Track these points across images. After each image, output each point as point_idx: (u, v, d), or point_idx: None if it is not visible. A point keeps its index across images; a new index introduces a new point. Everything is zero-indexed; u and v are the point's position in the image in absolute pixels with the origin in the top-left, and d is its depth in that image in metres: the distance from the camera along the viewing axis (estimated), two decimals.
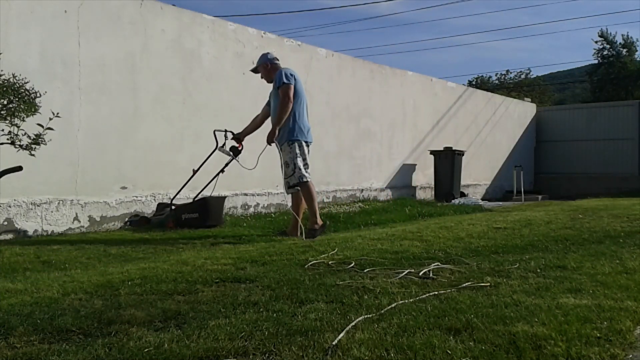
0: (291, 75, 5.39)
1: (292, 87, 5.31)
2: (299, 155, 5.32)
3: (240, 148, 5.83)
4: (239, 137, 5.84)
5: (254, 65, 5.79)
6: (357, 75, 9.81)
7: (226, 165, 6.04)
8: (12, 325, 2.16)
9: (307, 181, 5.30)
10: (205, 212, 6.07)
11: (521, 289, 2.73)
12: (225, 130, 5.94)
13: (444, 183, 10.99)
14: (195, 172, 6.11)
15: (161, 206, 6.42)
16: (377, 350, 1.87)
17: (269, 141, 5.39)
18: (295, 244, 4.55)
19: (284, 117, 5.30)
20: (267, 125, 5.62)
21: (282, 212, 8.00)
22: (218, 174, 6.07)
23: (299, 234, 5.30)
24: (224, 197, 6.80)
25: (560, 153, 15.62)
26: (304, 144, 5.38)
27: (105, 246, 4.77)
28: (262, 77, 5.70)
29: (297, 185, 5.32)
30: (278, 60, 5.67)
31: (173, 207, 6.12)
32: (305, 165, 5.37)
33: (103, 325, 2.18)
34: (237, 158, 5.87)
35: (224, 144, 5.90)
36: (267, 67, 5.57)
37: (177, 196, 6.40)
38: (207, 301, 2.54)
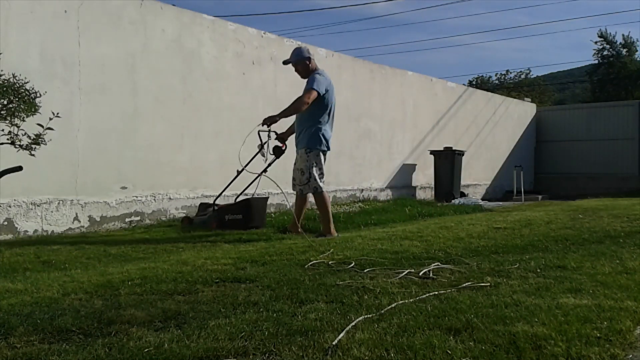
0: (324, 81, 5.37)
1: (316, 94, 5.28)
2: (315, 164, 5.34)
3: (284, 148, 5.71)
4: (282, 137, 5.76)
5: (288, 59, 5.72)
6: (357, 75, 9.81)
7: (268, 165, 5.86)
8: (12, 325, 2.16)
9: (322, 192, 5.35)
10: (248, 213, 5.95)
11: (521, 289, 2.73)
12: (269, 130, 5.73)
13: (444, 183, 10.98)
14: (239, 172, 5.97)
15: (203, 206, 6.32)
16: (377, 350, 1.86)
17: (265, 122, 5.31)
18: (295, 243, 4.55)
19: (290, 112, 5.31)
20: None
21: (281, 212, 8.00)
22: (260, 175, 5.91)
23: (299, 230, 5.41)
24: (267, 198, 6.71)
25: (560, 153, 15.61)
26: (321, 153, 5.39)
27: (105, 246, 4.77)
28: (299, 73, 5.64)
29: (311, 193, 5.40)
30: (312, 56, 5.63)
31: (216, 208, 5.99)
32: (321, 174, 5.40)
33: (103, 325, 2.18)
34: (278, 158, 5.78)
35: (267, 144, 5.73)
36: (305, 64, 5.55)
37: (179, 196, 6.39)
38: (207, 301, 2.54)
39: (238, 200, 6.29)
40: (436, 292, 2.63)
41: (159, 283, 2.93)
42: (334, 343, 1.92)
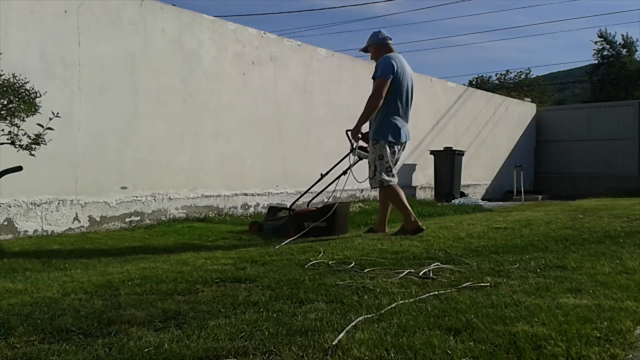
0: (392, 66, 4.94)
1: (388, 82, 4.90)
2: (381, 157, 4.99)
3: (369, 148, 5.20)
4: (367, 137, 5.22)
5: (364, 45, 5.36)
6: (357, 75, 9.80)
7: (349, 167, 5.41)
8: (12, 325, 2.16)
9: (388, 186, 5.01)
10: (333, 219, 5.29)
11: (521, 289, 2.73)
12: None
13: (444, 183, 10.98)
14: (323, 176, 5.57)
15: (273, 210, 5.88)
16: (377, 350, 1.86)
17: (352, 138, 5.06)
18: (295, 243, 4.54)
19: (369, 113, 4.96)
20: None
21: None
22: (340, 176, 5.45)
23: (386, 230, 5.12)
24: (349, 203, 6.40)
25: (560, 153, 15.62)
26: (388, 145, 5.00)
27: (105, 246, 4.77)
28: (372, 58, 5.29)
29: (378, 188, 5.10)
30: (390, 40, 5.23)
31: (292, 213, 5.43)
32: (388, 168, 5.01)
33: (103, 325, 2.18)
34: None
35: (355, 145, 5.28)
36: (377, 48, 5.20)
37: (178, 196, 6.37)
38: (207, 301, 2.54)
39: (311, 203, 5.85)
40: (436, 292, 2.63)
41: (159, 283, 2.93)
42: (334, 343, 1.92)
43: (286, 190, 8.40)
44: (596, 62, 38.53)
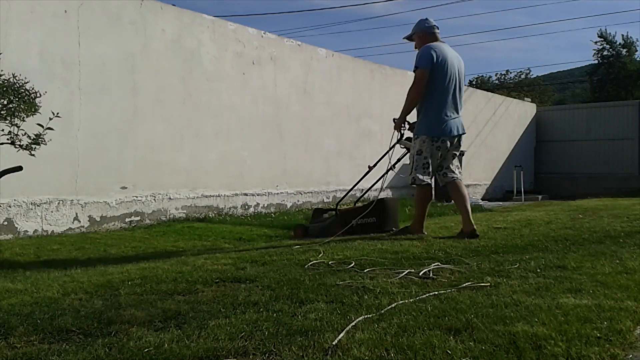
0: (431, 55, 4.71)
1: (426, 73, 4.68)
2: (419, 152, 4.77)
3: None
4: (414, 127, 5.02)
5: (409, 33, 5.07)
6: (357, 75, 9.81)
7: (398, 160, 5.23)
8: (12, 325, 2.16)
9: (420, 184, 4.79)
10: (383, 215, 5.14)
11: (521, 289, 2.72)
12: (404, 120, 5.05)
13: None
14: (370, 169, 5.42)
15: (318, 212, 5.81)
16: (377, 350, 1.86)
17: (397, 128, 4.96)
18: (294, 243, 4.54)
19: (410, 106, 4.81)
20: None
21: (282, 212, 8.00)
22: (388, 171, 5.24)
23: (424, 230, 4.92)
24: (399, 199, 6.27)
25: (560, 153, 15.63)
26: (429, 140, 4.76)
27: (105, 246, 4.77)
28: (415, 47, 5.00)
29: (412, 184, 4.89)
30: (437, 28, 4.93)
31: (339, 212, 5.28)
32: (425, 165, 4.75)
33: (103, 325, 2.17)
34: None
35: (403, 136, 5.08)
36: (421, 36, 4.92)
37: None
38: (207, 301, 2.54)
39: (361, 199, 5.75)
40: (436, 292, 2.63)
41: (159, 283, 2.93)
42: (334, 343, 1.92)
43: (286, 190, 8.40)
44: (596, 62, 38.52)
